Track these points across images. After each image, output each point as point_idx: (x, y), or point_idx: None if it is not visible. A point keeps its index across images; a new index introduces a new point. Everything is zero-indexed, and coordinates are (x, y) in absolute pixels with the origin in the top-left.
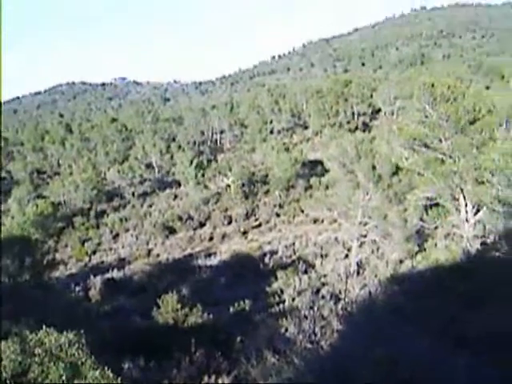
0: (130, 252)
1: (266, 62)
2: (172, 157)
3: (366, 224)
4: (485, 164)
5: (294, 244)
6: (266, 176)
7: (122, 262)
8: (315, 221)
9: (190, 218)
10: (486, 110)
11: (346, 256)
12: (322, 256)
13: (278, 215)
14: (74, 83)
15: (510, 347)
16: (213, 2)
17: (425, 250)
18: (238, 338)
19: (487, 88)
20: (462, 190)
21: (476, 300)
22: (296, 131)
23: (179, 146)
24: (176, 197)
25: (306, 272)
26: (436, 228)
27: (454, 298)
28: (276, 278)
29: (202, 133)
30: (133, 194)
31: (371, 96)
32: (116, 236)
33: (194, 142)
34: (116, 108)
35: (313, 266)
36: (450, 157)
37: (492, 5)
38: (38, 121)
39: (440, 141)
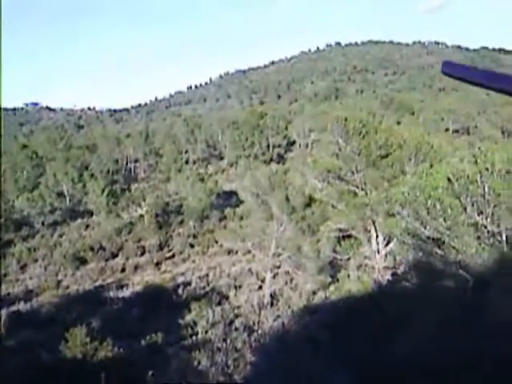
0: (39, 283)
1: (182, 92)
2: (84, 185)
3: (279, 255)
4: (395, 197)
5: (207, 275)
6: (181, 206)
7: (29, 294)
8: (229, 252)
9: (102, 248)
10: (397, 144)
11: (260, 287)
12: (235, 287)
13: (191, 246)
14: None
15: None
16: (129, 30)
17: (337, 280)
18: (150, 372)
19: (398, 123)
20: (373, 221)
21: (387, 331)
22: (211, 162)
23: (92, 175)
24: (88, 226)
25: (219, 303)
26: (348, 259)
27: (366, 329)
28: (189, 310)
29: (116, 161)
30: (42, 224)
31: (286, 128)
32: (24, 266)
33: (108, 171)
34: (27, 134)
35: (226, 298)
36: (363, 189)
37: (403, 43)
38: None
39: (353, 173)
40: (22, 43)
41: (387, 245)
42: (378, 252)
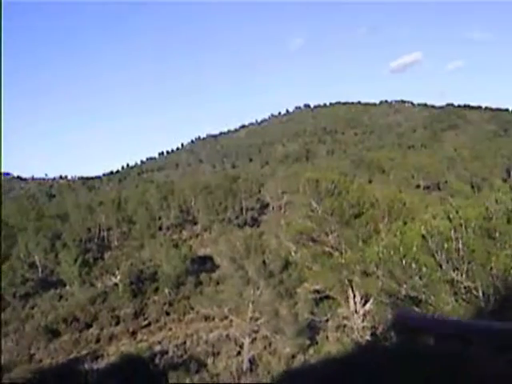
0: (10, 358)
1: (154, 158)
2: (57, 255)
3: (257, 319)
4: (370, 257)
5: (184, 343)
6: (155, 273)
7: (0, 369)
8: (206, 318)
9: (76, 319)
10: (370, 203)
11: (239, 353)
12: (213, 354)
13: (167, 313)
14: None
15: None
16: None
17: (317, 343)
18: None
19: (369, 182)
20: (350, 281)
21: None
22: (185, 227)
23: (64, 244)
24: (61, 297)
25: (197, 371)
26: (327, 320)
27: None
28: (167, 380)
29: (89, 230)
30: (14, 295)
31: (259, 191)
32: None
33: (80, 240)
34: None
35: (205, 365)
36: (337, 250)
37: (370, 103)
38: None
39: (327, 234)
40: None
41: (365, 304)
42: (356, 312)
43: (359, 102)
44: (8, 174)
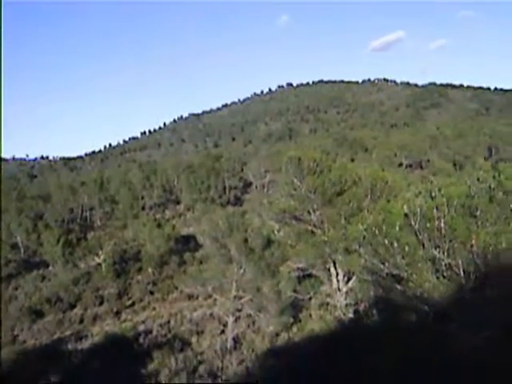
0: None
1: (136, 138)
2: (39, 236)
3: (240, 298)
4: (353, 235)
5: (168, 322)
6: (139, 253)
7: None
8: (190, 297)
9: (59, 299)
10: (352, 182)
11: (222, 331)
12: (197, 333)
13: (151, 293)
14: None
15: None
16: (82, 75)
17: (300, 321)
18: None
19: (352, 160)
20: (333, 260)
21: (352, 371)
22: (168, 207)
23: (46, 225)
24: (44, 278)
25: (182, 350)
26: (310, 299)
27: (330, 371)
28: (152, 359)
29: (71, 210)
30: None
31: (242, 170)
32: None
33: (63, 220)
34: None
35: (189, 344)
36: (320, 228)
37: (353, 81)
38: None
39: (309, 213)
40: None
41: (348, 282)
42: (339, 290)
43: (342, 81)
44: None
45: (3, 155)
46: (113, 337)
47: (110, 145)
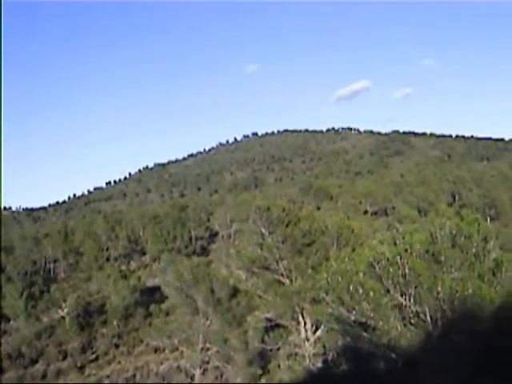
0: None
1: (101, 188)
2: (0, 289)
3: (207, 350)
4: (319, 283)
5: (134, 376)
6: (103, 305)
7: None
8: (156, 350)
9: (21, 355)
10: (320, 231)
11: None
12: None
13: (116, 346)
14: None
15: None
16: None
17: (268, 372)
18: None
19: (318, 208)
20: (301, 309)
21: None
22: (133, 258)
23: (9, 278)
24: (5, 332)
25: None
26: (278, 349)
27: None
28: None
29: (34, 262)
30: None
31: (208, 220)
32: None
33: (26, 273)
34: None
35: None
36: (288, 277)
37: (318, 130)
38: None
39: (277, 262)
40: None
41: (316, 331)
42: (308, 339)
43: (307, 130)
44: None
45: None
46: None
47: (74, 195)
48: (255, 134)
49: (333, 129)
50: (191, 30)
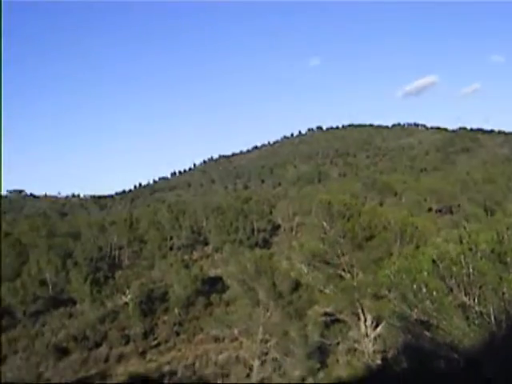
0: (19, 376)
1: (166, 178)
2: (67, 273)
3: (267, 341)
4: (381, 280)
5: (194, 364)
6: (166, 293)
7: None
8: (216, 339)
9: (85, 337)
10: (382, 226)
11: (248, 375)
12: (223, 376)
13: (177, 334)
14: None
15: None
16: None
17: (327, 366)
18: None
19: (381, 204)
20: (361, 305)
21: None
22: (196, 247)
23: (75, 263)
24: (71, 315)
25: None
26: (338, 344)
27: None
28: None
29: (100, 249)
30: (24, 313)
31: (271, 212)
32: (4, 358)
33: (91, 259)
34: (10, 222)
35: None
36: (349, 272)
37: (383, 126)
38: None
39: (338, 257)
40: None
41: (376, 328)
42: (367, 336)
43: (371, 125)
44: (21, 191)
45: (36, 192)
46: (137, 377)
47: (140, 184)
48: (320, 128)
49: (398, 124)
50: (256, 23)
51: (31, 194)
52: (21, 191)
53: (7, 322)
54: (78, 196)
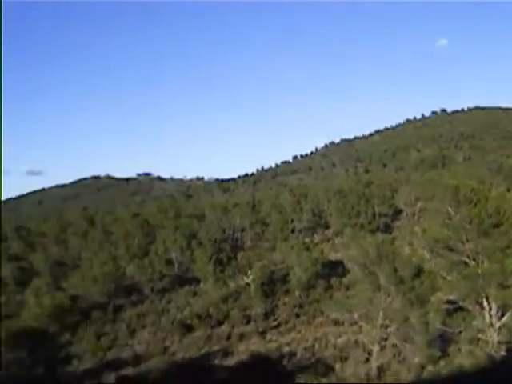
0: (146, 349)
1: (288, 162)
2: (192, 253)
3: (387, 327)
4: (508, 268)
5: (313, 346)
6: (286, 275)
7: (137, 359)
8: (335, 322)
9: (209, 315)
10: (510, 213)
11: (367, 360)
12: (341, 359)
13: (297, 316)
14: (99, 177)
15: None
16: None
17: (448, 355)
18: None
19: (508, 190)
20: (486, 293)
21: None
22: (317, 231)
23: (200, 243)
24: (195, 294)
25: (325, 375)
26: (460, 332)
27: None
28: (294, 382)
29: (223, 230)
30: (151, 290)
31: (392, 197)
32: (133, 332)
33: (215, 240)
34: (139, 203)
35: (333, 370)
36: (474, 259)
37: (511, 107)
38: (62, 213)
39: (463, 243)
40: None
41: (501, 318)
42: (492, 325)
43: (499, 107)
44: (149, 174)
45: (164, 175)
46: (258, 356)
47: (262, 168)
48: (444, 111)
49: None
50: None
51: (158, 177)
52: (148, 174)
53: (136, 297)
54: (203, 179)
